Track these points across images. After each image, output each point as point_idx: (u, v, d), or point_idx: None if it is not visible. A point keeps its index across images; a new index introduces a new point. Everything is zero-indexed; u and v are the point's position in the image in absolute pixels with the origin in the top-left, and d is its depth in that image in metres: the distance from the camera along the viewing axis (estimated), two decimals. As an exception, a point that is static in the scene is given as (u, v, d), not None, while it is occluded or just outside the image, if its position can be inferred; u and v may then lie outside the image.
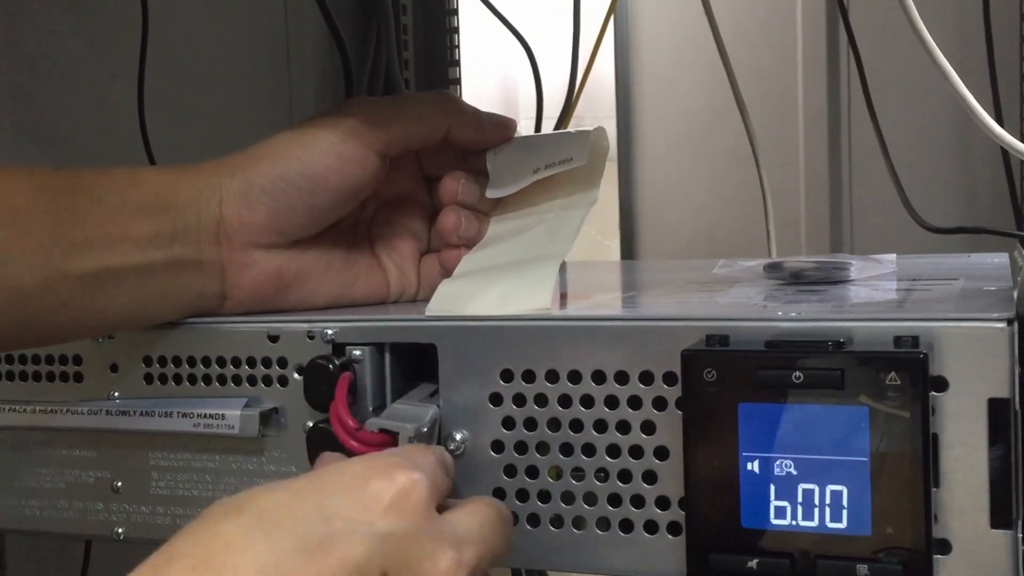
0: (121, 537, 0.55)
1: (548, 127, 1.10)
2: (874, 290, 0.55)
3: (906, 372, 0.40)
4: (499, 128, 0.57)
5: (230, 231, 0.51)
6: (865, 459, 0.40)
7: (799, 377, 0.41)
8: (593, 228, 1.62)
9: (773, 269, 0.60)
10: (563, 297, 0.57)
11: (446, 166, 0.57)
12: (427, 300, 0.52)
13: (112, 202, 0.49)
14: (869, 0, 1.17)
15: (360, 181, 0.53)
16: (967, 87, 0.76)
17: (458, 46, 1.22)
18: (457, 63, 1.22)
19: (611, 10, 0.99)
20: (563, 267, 0.55)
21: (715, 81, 1.06)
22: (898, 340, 0.41)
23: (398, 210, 0.58)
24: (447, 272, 0.55)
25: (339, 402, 0.48)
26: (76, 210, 0.48)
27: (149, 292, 0.50)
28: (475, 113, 0.57)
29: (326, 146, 0.52)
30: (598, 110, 1.52)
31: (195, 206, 0.51)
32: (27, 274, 0.47)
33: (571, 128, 1.15)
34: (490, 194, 0.56)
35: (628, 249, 1.36)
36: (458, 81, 1.23)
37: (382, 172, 0.54)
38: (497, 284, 0.51)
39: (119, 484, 0.54)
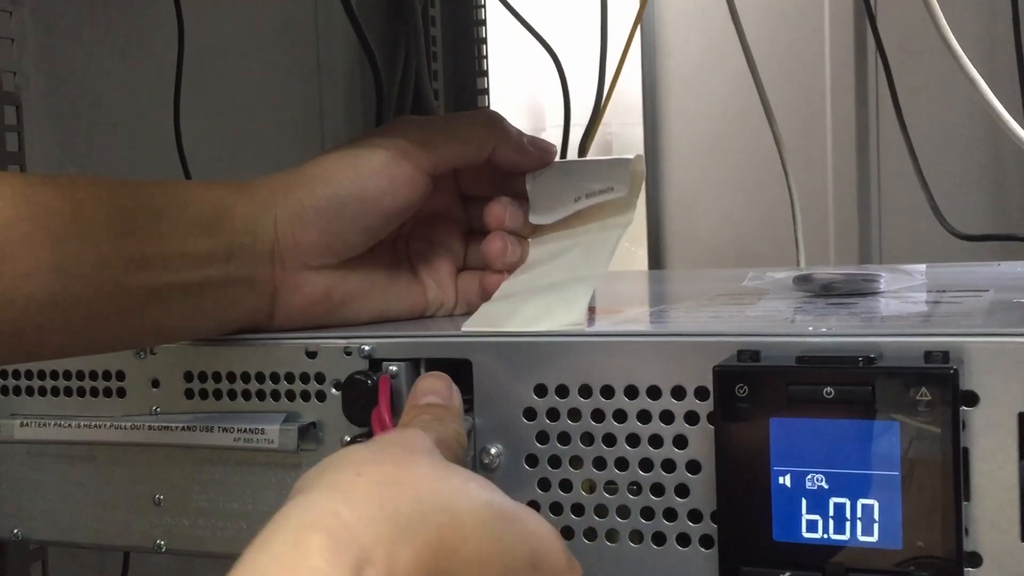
0: (163, 549, 0.56)
1: (576, 135, 1.11)
2: (904, 303, 0.55)
3: (936, 387, 0.40)
4: (540, 152, 0.58)
5: (284, 252, 0.52)
6: (896, 473, 0.41)
7: (830, 392, 0.41)
8: (621, 235, 1.62)
9: (802, 281, 0.60)
10: (592, 311, 0.58)
11: (483, 185, 0.58)
12: (464, 315, 0.53)
13: (171, 218, 0.49)
14: (897, 6, 1.17)
15: (410, 201, 0.54)
16: (996, 93, 0.76)
17: (486, 56, 1.23)
18: (485, 73, 1.23)
19: (638, 18, 0.99)
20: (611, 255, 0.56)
21: (742, 89, 1.06)
22: (928, 355, 0.41)
23: (435, 226, 0.59)
24: (487, 295, 0.56)
25: (383, 406, 0.49)
26: (136, 224, 0.48)
27: (200, 308, 0.51)
28: (519, 135, 0.58)
29: (379, 167, 0.53)
30: (625, 117, 1.53)
31: (251, 226, 0.51)
32: (86, 286, 0.47)
33: (604, 156, 1.16)
34: (533, 220, 0.57)
35: (656, 256, 1.36)
36: (486, 91, 1.24)
37: (429, 191, 0.55)
38: (532, 303, 0.52)
39: (161, 497, 0.56)
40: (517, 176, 0.58)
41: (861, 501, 0.41)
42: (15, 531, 0.59)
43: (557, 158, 0.59)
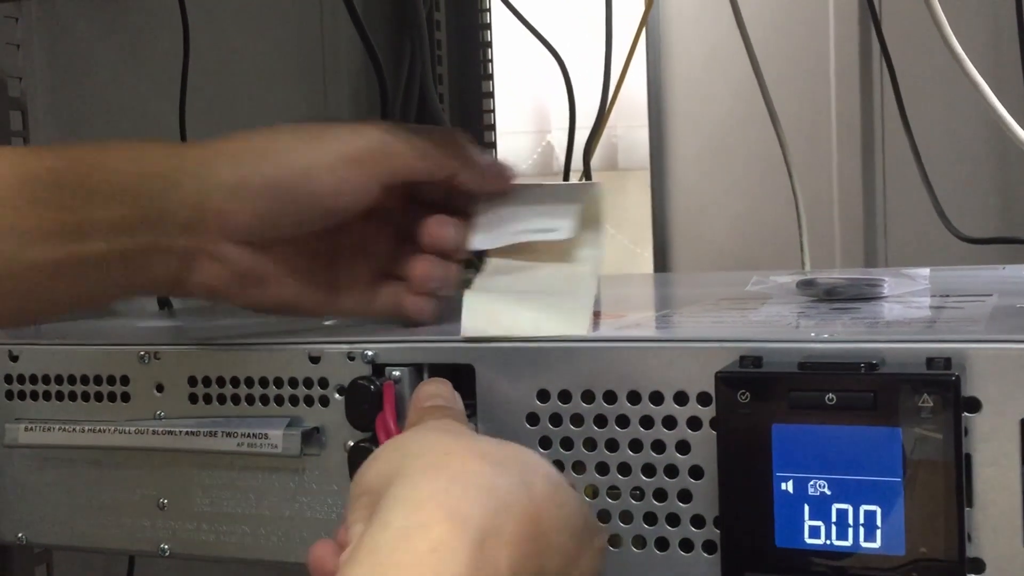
0: (167, 553, 0.56)
1: (581, 138, 1.11)
2: (907, 308, 0.55)
3: (938, 394, 0.40)
4: (498, 178, 0.56)
5: (208, 222, 0.50)
6: (898, 479, 0.41)
7: (832, 399, 0.41)
8: (626, 237, 1.62)
9: (806, 286, 0.60)
10: (597, 315, 0.58)
11: (434, 195, 0.56)
12: (380, 321, 0.53)
13: (87, 190, 0.48)
14: (901, 10, 1.17)
15: (355, 206, 0.52)
16: (1000, 96, 0.76)
17: (491, 60, 1.23)
18: (490, 76, 1.23)
19: (643, 21, 1.00)
20: (598, 285, 0.56)
21: (747, 91, 1.06)
22: (930, 362, 0.41)
23: (370, 227, 0.56)
24: (405, 314, 0.55)
25: (388, 412, 0.49)
26: (52, 199, 0.47)
27: (112, 278, 0.49)
28: (480, 161, 0.56)
29: (333, 164, 0.51)
30: (630, 120, 1.53)
31: (171, 192, 0.49)
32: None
33: (596, 166, 1.15)
34: (474, 244, 0.55)
35: (661, 258, 1.36)
36: (491, 94, 1.24)
37: (377, 198, 0.53)
38: (531, 307, 0.51)
39: (165, 501, 0.56)
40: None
41: (863, 507, 0.41)
42: (20, 535, 0.59)
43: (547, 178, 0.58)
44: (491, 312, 0.51)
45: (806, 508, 0.42)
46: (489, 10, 1.24)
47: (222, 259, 0.51)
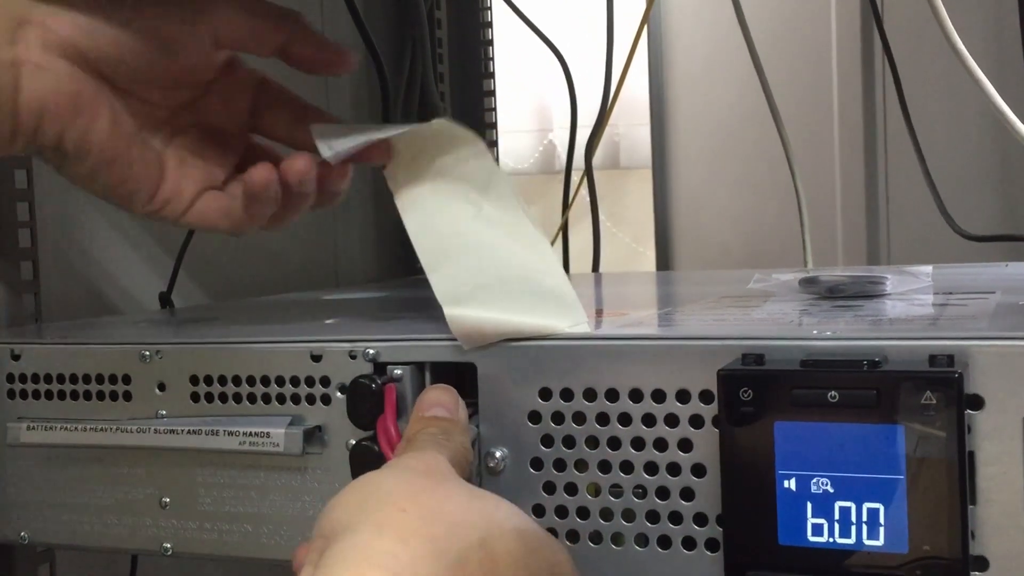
0: (169, 552, 0.56)
1: (582, 137, 1.11)
2: (910, 305, 0.55)
3: (941, 391, 0.40)
4: (340, 55, 0.54)
5: (31, 33, 0.48)
6: (901, 477, 0.41)
7: (835, 396, 0.41)
8: (628, 235, 1.62)
9: (808, 284, 0.60)
10: (599, 314, 0.58)
11: (280, 126, 0.55)
12: (185, 224, 0.52)
13: None
14: (903, 7, 1.17)
15: (176, 60, 0.51)
16: (1003, 94, 0.76)
17: (492, 58, 1.23)
18: (492, 75, 1.23)
19: (644, 19, 0.99)
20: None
21: (749, 89, 1.06)
22: (933, 359, 0.41)
23: (212, 136, 0.55)
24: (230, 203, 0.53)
25: (388, 416, 0.49)
26: None
27: None
28: (318, 36, 0.54)
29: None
30: (632, 119, 1.53)
31: None
32: None
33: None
34: (324, 153, 0.53)
35: (663, 256, 1.36)
36: (492, 93, 1.24)
37: (205, 65, 0.52)
38: (519, 304, 0.50)
39: (167, 500, 0.56)
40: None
41: (866, 505, 0.41)
42: (22, 534, 0.59)
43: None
44: (478, 311, 0.50)
45: (809, 506, 0.42)
46: (490, 8, 1.24)
47: (52, 71, 0.48)
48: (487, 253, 0.52)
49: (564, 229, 1.09)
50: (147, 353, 0.56)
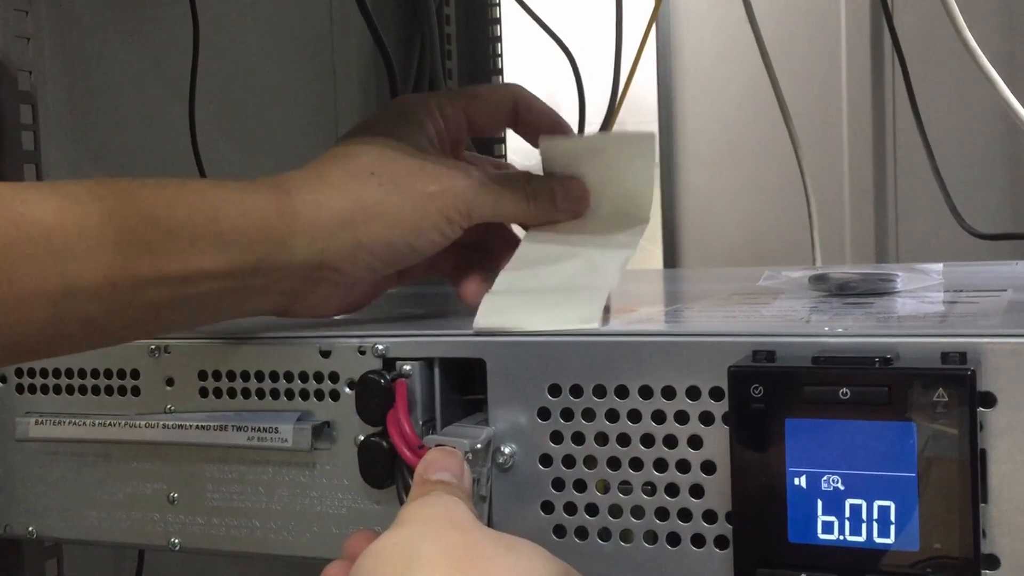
0: (177, 547, 0.56)
1: (591, 132, 1.10)
2: (920, 303, 0.55)
3: (954, 389, 0.40)
4: (572, 203, 0.58)
5: (325, 273, 0.52)
6: (913, 475, 0.41)
7: (846, 393, 0.41)
8: (636, 233, 1.62)
9: (818, 281, 0.60)
10: (607, 311, 0.58)
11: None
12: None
13: (191, 235, 0.48)
14: (914, 3, 1.16)
15: (444, 245, 0.55)
16: (1014, 91, 0.76)
17: (501, 55, 1.23)
18: (500, 72, 1.23)
19: (653, 16, 0.99)
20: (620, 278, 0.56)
21: (758, 87, 1.06)
22: (945, 356, 0.41)
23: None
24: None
25: (400, 410, 0.49)
26: (149, 243, 0.47)
27: (217, 312, 0.51)
28: (551, 202, 0.59)
29: (435, 223, 0.54)
30: (640, 116, 1.52)
31: (284, 247, 0.51)
32: (93, 306, 0.45)
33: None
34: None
35: (671, 254, 1.36)
36: (501, 89, 1.24)
37: None
38: (544, 302, 0.51)
39: (175, 495, 0.56)
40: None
41: (877, 503, 0.41)
42: (30, 529, 0.59)
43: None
44: (504, 308, 0.51)
45: (819, 503, 0.42)
46: (499, 5, 1.23)
47: (336, 285, 0.54)
48: (560, 266, 0.56)
49: (572, 226, 1.09)
50: (155, 348, 0.56)
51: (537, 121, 0.60)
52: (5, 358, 0.45)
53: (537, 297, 0.52)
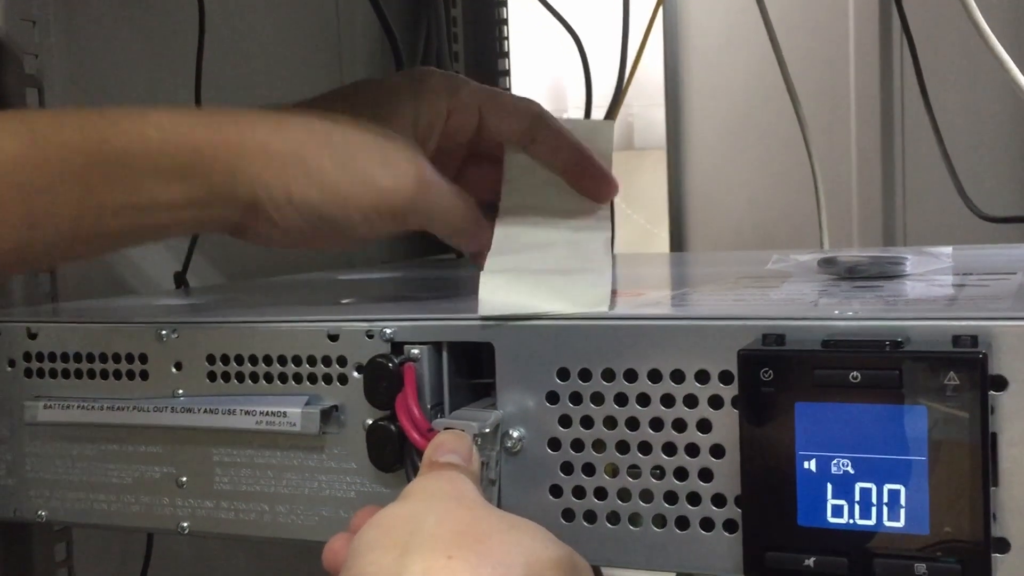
0: (186, 531, 0.56)
1: (597, 117, 1.10)
2: (930, 286, 0.54)
3: (965, 372, 0.40)
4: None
5: (260, 218, 0.53)
6: (923, 458, 0.40)
7: (856, 377, 0.41)
8: (642, 217, 1.61)
9: (827, 264, 0.59)
10: (614, 294, 0.57)
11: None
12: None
13: (144, 165, 0.50)
14: (922, -15, 1.15)
15: (372, 237, 0.56)
16: None
17: (507, 37, 1.23)
18: (506, 55, 1.23)
19: (660, -1, 0.98)
20: (612, 260, 0.56)
21: (765, 69, 1.05)
22: (956, 339, 0.41)
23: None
24: None
25: (409, 394, 0.49)
26: (108, 177, 0.49)
27: (176, 232, 0.54)
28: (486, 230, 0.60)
29: (366, 214, 0.54)
30: (647, 99, 1.52)
31: (231, 181, 0.51)
32: (58, 236, 0.49)
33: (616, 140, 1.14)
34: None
35: (677, 238, 1.36)
36: (507, 72, 1.23)
37: None
38: (548, 285, 0.51)
39: (184, 479, 0.56)
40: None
41: (887, 486, 0.41)
42: (40, 512, 0.59)
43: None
44: (508, 291, 0.51)
45: (829, 487, 0.42)
46: (505, -13, 1.23)
47: (275, 226, 0.54)
48: (547, 250, 0.56)
49: (578, 210, 1.08)
50: (164, 332, 0.56)
51: (555, 140, 0.59)
52: None
53: (537, 279, 0.52)
